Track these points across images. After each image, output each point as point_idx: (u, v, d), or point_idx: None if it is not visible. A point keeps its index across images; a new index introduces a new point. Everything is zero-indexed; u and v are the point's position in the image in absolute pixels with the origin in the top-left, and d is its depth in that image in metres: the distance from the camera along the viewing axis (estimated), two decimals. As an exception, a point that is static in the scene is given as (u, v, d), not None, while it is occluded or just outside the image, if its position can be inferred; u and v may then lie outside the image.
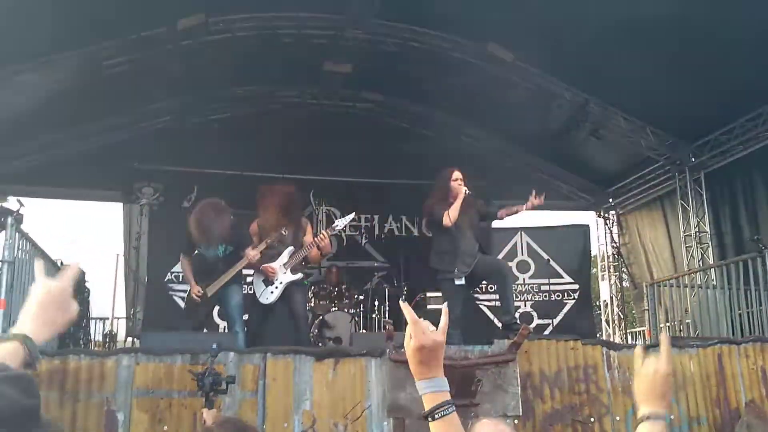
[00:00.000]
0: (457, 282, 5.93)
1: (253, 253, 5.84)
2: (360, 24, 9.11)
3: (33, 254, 5.70)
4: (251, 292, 6.48)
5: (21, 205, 5.28)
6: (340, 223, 6.35)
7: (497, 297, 7.45)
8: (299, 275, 6.10)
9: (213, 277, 5.94)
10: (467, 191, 6.02)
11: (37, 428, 0.99)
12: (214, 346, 4.07)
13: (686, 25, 7.55)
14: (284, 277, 6.00)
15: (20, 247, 5.30)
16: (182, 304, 8.08)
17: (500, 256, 10.17)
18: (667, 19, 7.49)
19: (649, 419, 1.66)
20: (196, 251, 6.09)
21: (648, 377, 1.71)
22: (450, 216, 5.94)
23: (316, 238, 6.07)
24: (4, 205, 5.30)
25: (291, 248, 6.06)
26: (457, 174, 6.16)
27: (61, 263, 7.04)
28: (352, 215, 6.49)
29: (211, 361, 3.98)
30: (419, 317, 1.55)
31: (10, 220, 5.05)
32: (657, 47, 7.97)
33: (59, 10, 7.27)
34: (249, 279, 7.15)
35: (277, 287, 5.98)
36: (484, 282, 7.83)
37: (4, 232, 5.06)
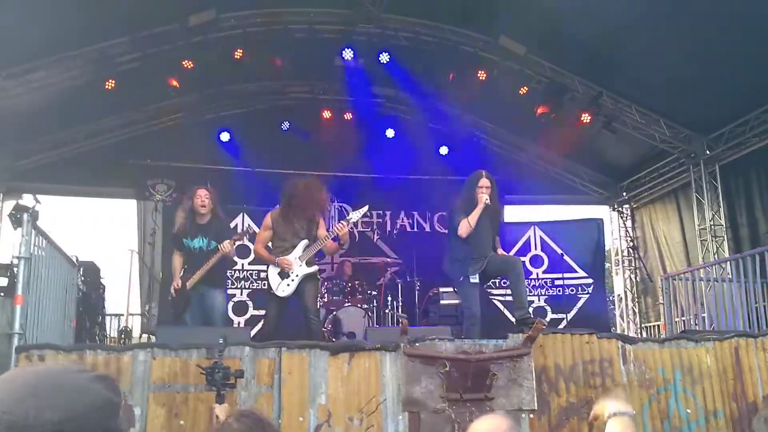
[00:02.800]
0: (472, 280, 5.90)
1: (233, 243, 6.07)
2: (370, 18, 9.10)
3: (49, 251, 5.74)
4: (266, 287, 6.51)
5: (37, 202, 5.31)
6: (355, 215, 6.36)
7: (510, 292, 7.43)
8: (314, 268, 6.18)
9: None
10: (487, 200, 5.92)
11: (116, 422, 1.16)
12: (221, 340, 4.07)
13: (700, 17, 7.48)
14: (300, 269, 6.04)
15: (36, 243, 5.33)
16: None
17: (514, 251, 10.15)
18: (680, 11, 7.43)
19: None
20: (184, 243, 6.20)
21: None
22: (470, 223, 5.88)
23: (336, 227, 6.10)
24: (20, 202, 5.33)
25: (305, 241, 6.10)
26: (483, 181, 6.05)
27: (77, 259, 7.08)
28: (366, 208, 6.49)
29: (219, 356, 3.95)
30: (432, 312, 1.56)
31: (26, 216, 5.07)
32: (671, 39, 7.90)
33: (71, 8, 7.32)
34: (263, 275, 7.15)
35: (293, 280, 6.01)
36: (498, 277, 7.81)
37: (20, 229, 5.08)
